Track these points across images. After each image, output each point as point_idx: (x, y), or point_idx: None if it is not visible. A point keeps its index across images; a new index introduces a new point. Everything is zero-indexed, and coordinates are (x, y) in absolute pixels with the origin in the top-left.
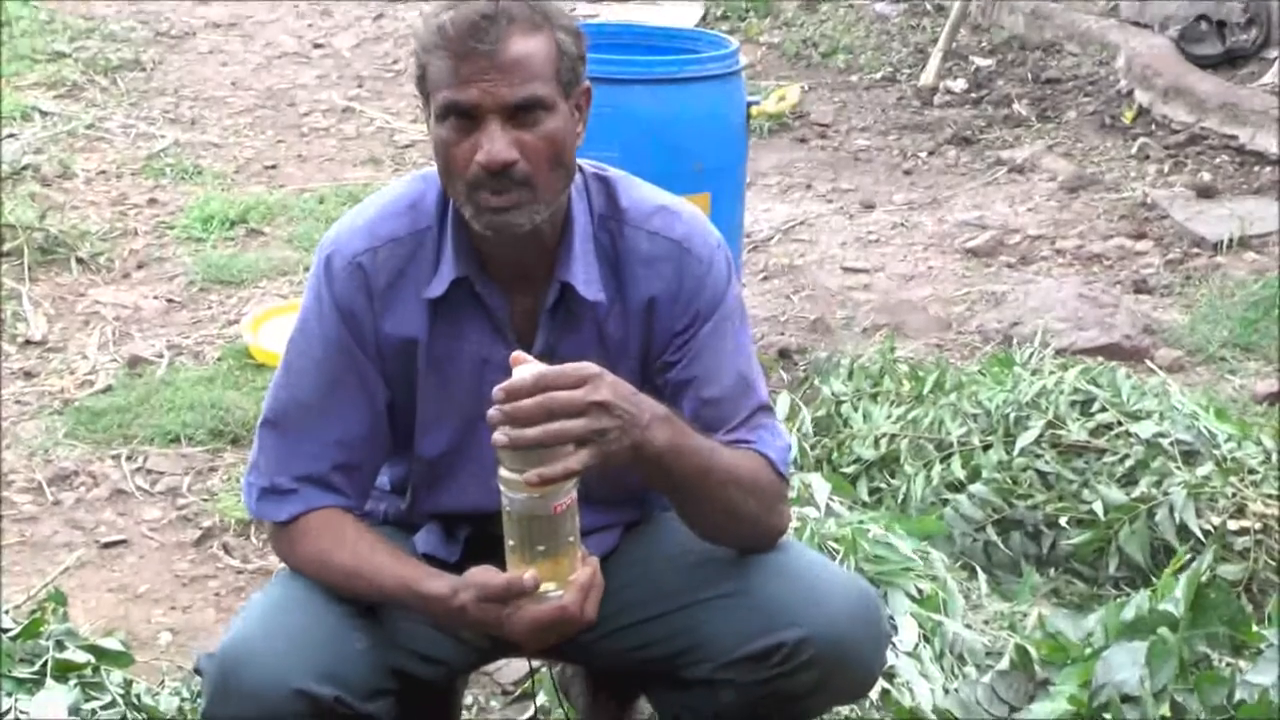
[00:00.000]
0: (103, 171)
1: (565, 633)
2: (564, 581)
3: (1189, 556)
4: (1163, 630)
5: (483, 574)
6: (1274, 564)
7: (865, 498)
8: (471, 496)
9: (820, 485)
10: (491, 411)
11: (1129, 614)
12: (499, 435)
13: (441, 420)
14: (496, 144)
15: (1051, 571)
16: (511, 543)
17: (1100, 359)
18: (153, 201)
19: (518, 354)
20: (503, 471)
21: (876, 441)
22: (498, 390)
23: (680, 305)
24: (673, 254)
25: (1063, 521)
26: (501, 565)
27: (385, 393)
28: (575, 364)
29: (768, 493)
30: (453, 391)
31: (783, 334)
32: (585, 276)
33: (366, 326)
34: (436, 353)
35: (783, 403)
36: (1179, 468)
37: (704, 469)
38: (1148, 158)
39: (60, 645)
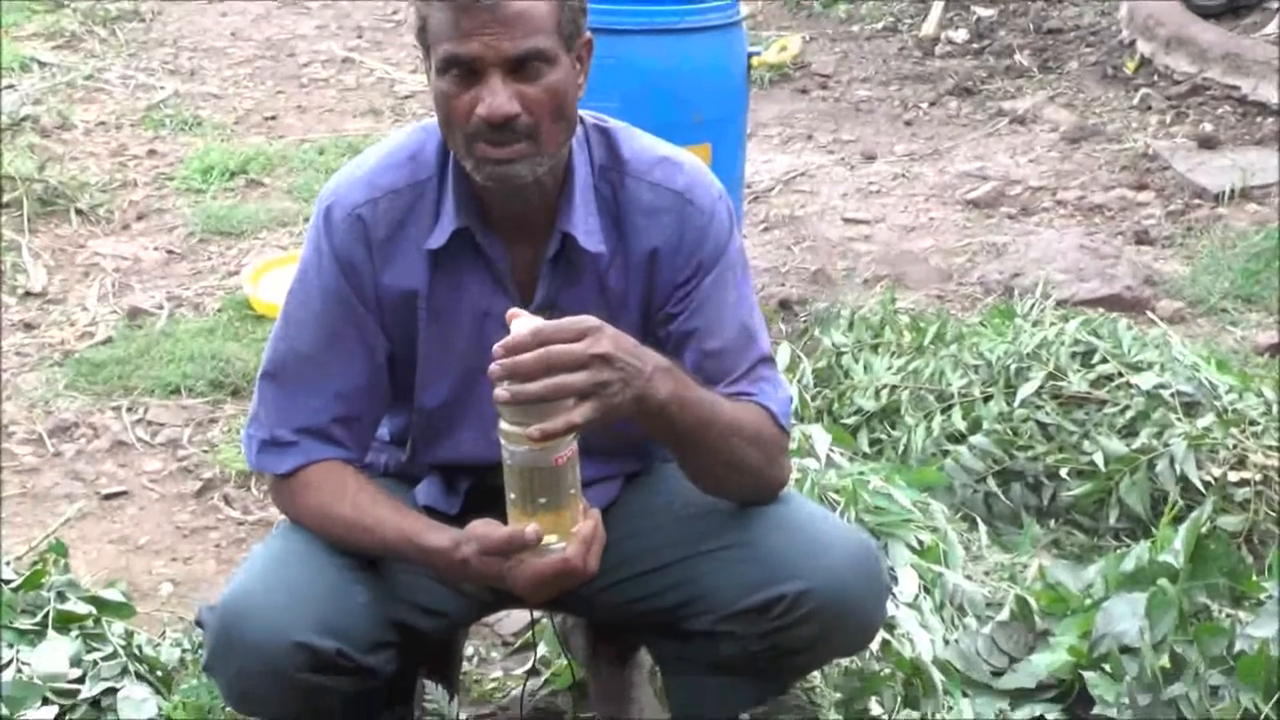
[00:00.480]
0: (102, 123)
1: (567, 585)
2: (566, 534)
3: (1185, 506)
4: (1163, 581)
5: (484, 527)
6: (1274, 515)
7: (866, 449)
8: (472, 448)
9: (821, 436)
10: (492, 367)
11: (1129, 565)
12: (500, 391)
13: (442, 372)
14: (498, 98)
15: (1052, 523)
16: (513, 495)
17: (1101, 310)
18: (152, 153)
19: (514, 311)
20: (503, 425)
21: (877, 393)
22: (498, 347)
23: (682, 257)
24: (674, 205)
25: (1063, 473)
26: (502, 517)
27: (385, 345)
28: (575, 317)
29: (769, 445)
30: (453, 343)
31: (783, 285)
32: (586, 228)
33: (366, 278)
34: (436, 304)
35: (783, 354)
36: (1180, 419)
37: (706, 421)
38: (1150, 108)
39: (61, 596)
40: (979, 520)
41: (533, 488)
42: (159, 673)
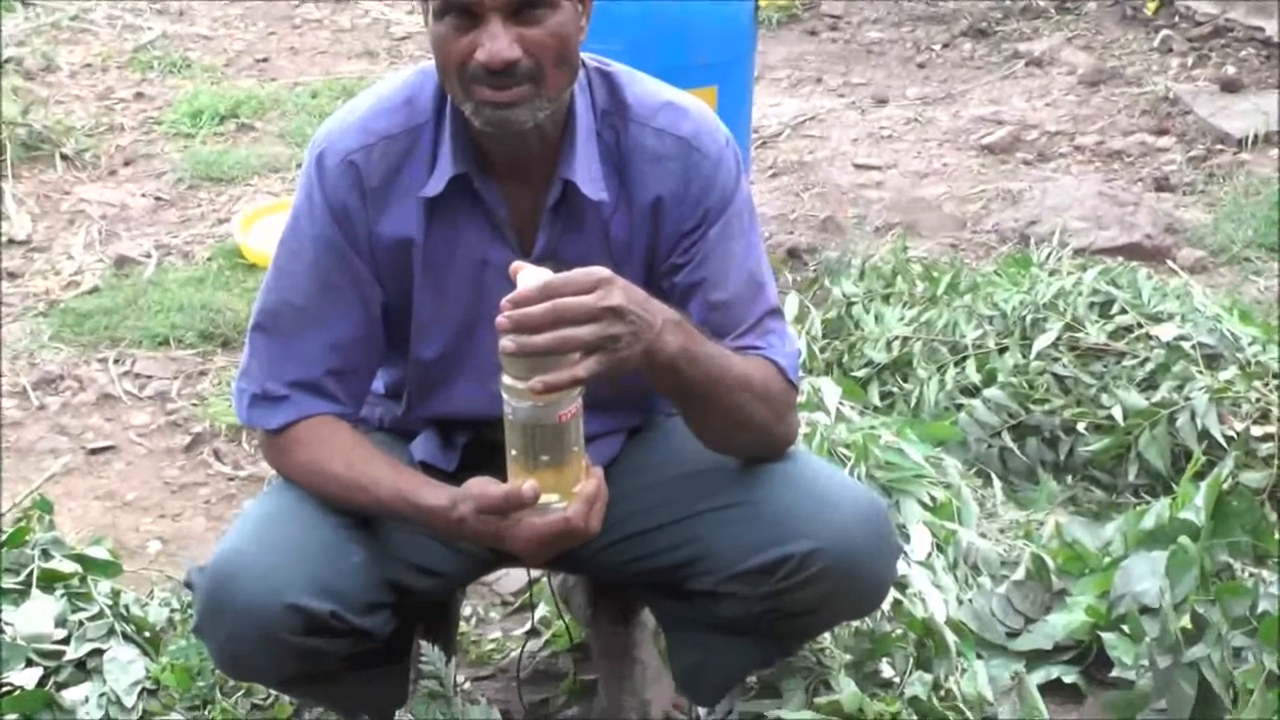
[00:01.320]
0: (88, 65)
1: (568, 546)
2: (567, 492)
3: (1207, 462)
4: (1183, 539)
5: (482, 485)
6: None
7: (877, 402)
8: (469, 401)
9: (830, 390)
10: (499, 319)
11: (1149, 522)
12: (506, 342)
13: (438, 323)
14: (498, 42)
15: (1069, 479)
16: (514, 452)
17: (1120, 259)
18: (140, 96)
19: (517, 264)
20: (506, 378)
21: (889, 344)
22: (506, 300)
23: (688, 205)
24: (680, 152)
25: (1080, 427)
26: (501, 474)
27: (379, 294)
28: (587, 269)
29: (778, 401)
30: (450, 293)
31: (792, 233)
32: (588, 174)
33: (360, 226)
34: (433, 253)
35: (791, 304)
36: (1201, 371)
37: (715, 376)
38: (1170, 50)
39: (46, 554)
40: (994, 476)
41: (534, 444)
42: (146, 634)
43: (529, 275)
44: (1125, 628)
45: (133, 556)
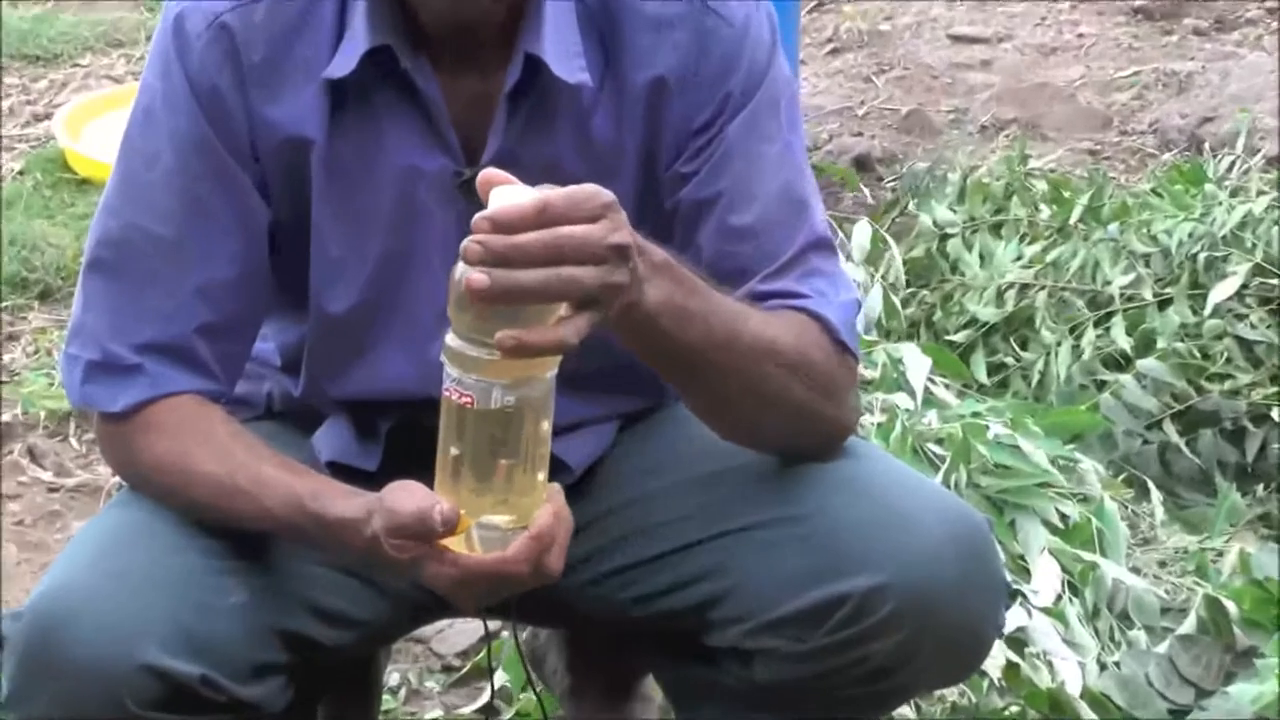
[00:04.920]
0: None
1: (511, 592)
2: (527, 513)
3: None
4: None
5: (400, 494)
6: None
7: (983, 379)
8: (396, 373)
9: (915, 360)
10: (467, 243)
11: None
12: (478, 276)
13: (350, 261)
14: None
15: (1259, 489)
16: (453, 450)
17: None
18: None
19: (491, 173)
20: (454, 339)
21: (1000, 295)
22: (481, 218)
23: (700, 89)
24: (689, 14)
25: (1276, 415)
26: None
27: (266, 215)
28: (589, 187)
29: (823, 373)
30: (366, 218)
31: (860, 135)
32: (561, 48)
33: (236, 116)
34: (341, 160)
35: (859, 236)
36: None
37: (719, 339)
38: None
39: None
40: (1151, 485)
41: (484, 440)
42: None
43: (510, 192)
44: None
45: None
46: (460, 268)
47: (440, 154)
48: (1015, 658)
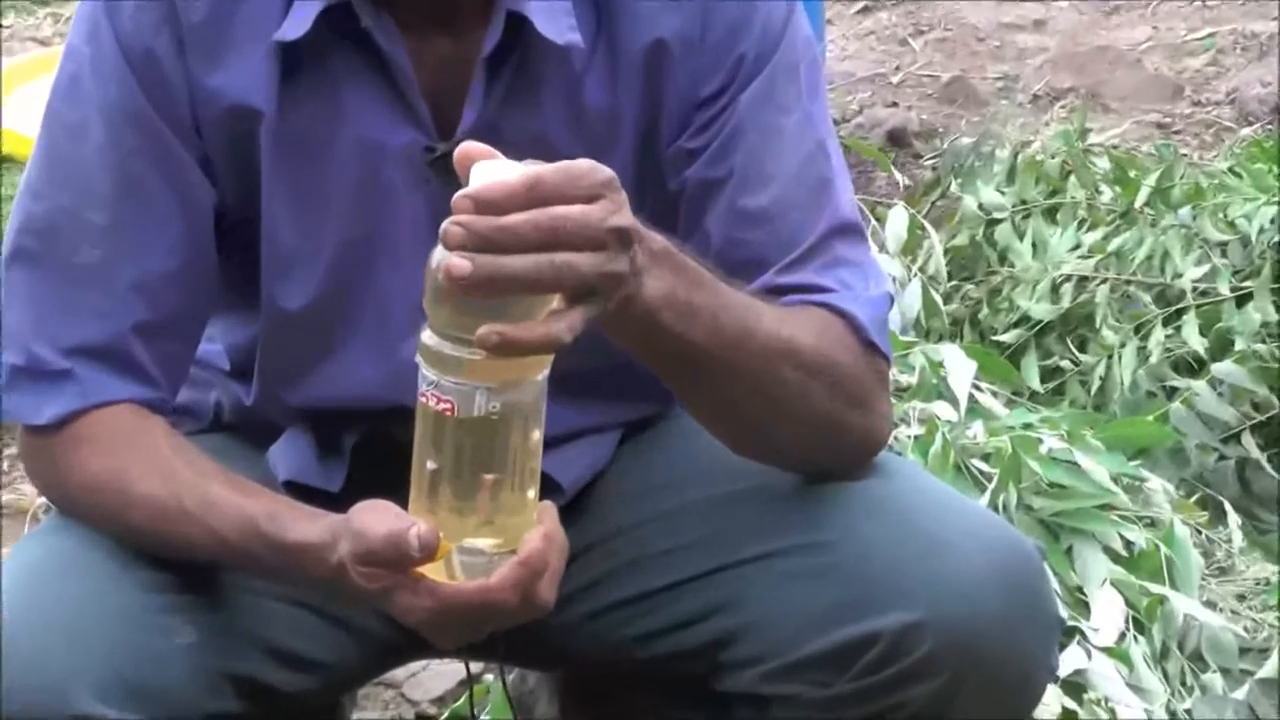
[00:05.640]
0: None
1: (495, 627)
2: (515, 536)
3: None
4: None
5: (369, 515)
6: None
7: (1036, 385)
8: (362, 376)
9: (959, 364)
10: (449, 226)
11: None
12: (459, 263)
13: (307, 250)
14: None
15: None
16: (432, 464)
17: None
18: None
19: (472, 146)
20: (430, 336)
21: (1055, 289)
22: (462, 196)
23: (708, 54)
24: None
25: None
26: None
27: (211, 196)
28: (585, 162)
29: (849, 376)
30: (323, 199)
31: (895, 105)
32: (548, 4)
33: (174, 85)
34: (294, 133)
35: (894, 223)
36: None
37: (730, 338)
38: None
39: None
40: (1228, 506)
41: (464, 449)
42: None
43: (494, 167)
44: None
45: None
46: (438, 253)
47: (408, 127)
48: (1072, 705)
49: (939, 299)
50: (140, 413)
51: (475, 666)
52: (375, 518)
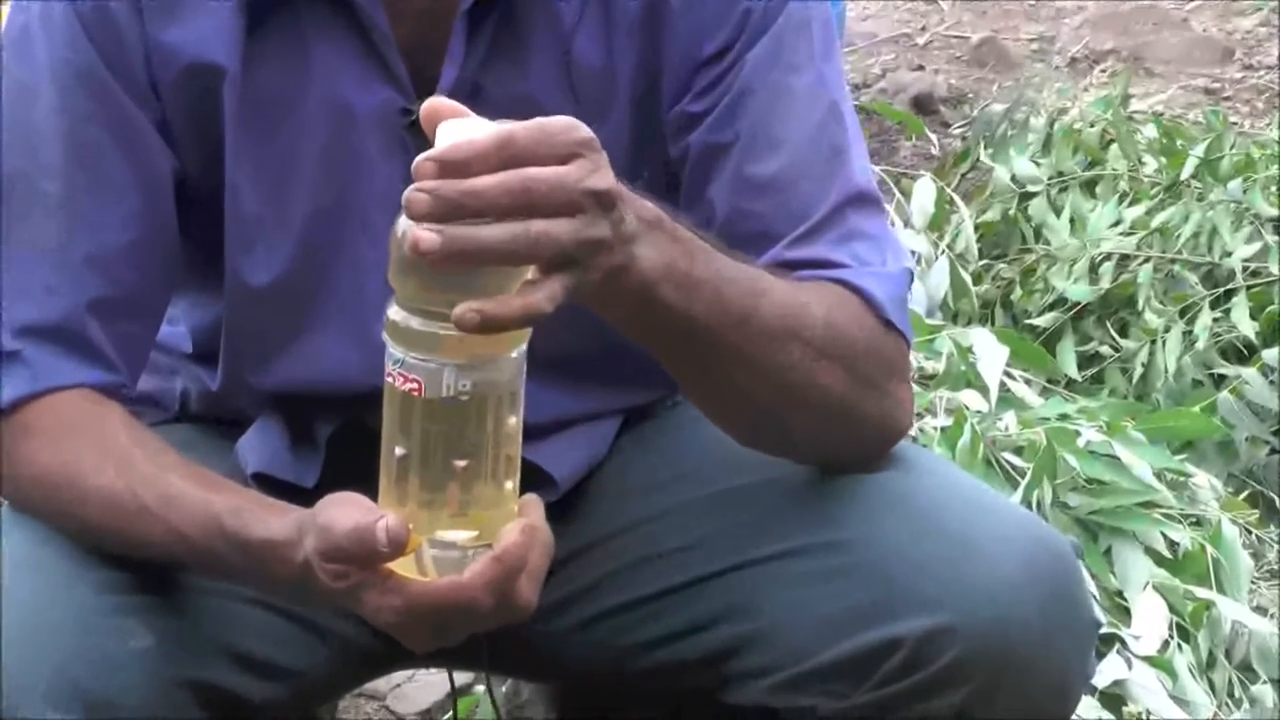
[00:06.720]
0: None
1: (474, 627)
2: (492, 529)
3: None
4: None
5: (334, 509)
6: None
7: (1073, 372)
8: (337, 358)
9: (990, 349)
10: (412, 193)
11: None
12: (424, 235)
13: (272, 219)
14: None
15: None
16: (400, 450)
17: None
18: None
19: (438, 103)
20: (397, 311)
21: (1094, 269)
22: (424, 159)
23: (710, 8)
24: None
25: None
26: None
27: (171, 162)
28: (561, 119)
29: (864, 357)
30: (290, 165)
31: (921, 68)
32: None
33: (129, 41)
34: (260, 93)
35: (920, 196)
36: None
37: (734, 316)
38: None
39: None
40: (1279, 504)
41: (433, 433)
42: None
43: (463, 125)
44: None
45: None
46: (402, 222)
47: (383, 86)
48: (1110, 717)
49: (968, 279)
50: (96, 399)
51: (463, 677)
52: (342, 511)
